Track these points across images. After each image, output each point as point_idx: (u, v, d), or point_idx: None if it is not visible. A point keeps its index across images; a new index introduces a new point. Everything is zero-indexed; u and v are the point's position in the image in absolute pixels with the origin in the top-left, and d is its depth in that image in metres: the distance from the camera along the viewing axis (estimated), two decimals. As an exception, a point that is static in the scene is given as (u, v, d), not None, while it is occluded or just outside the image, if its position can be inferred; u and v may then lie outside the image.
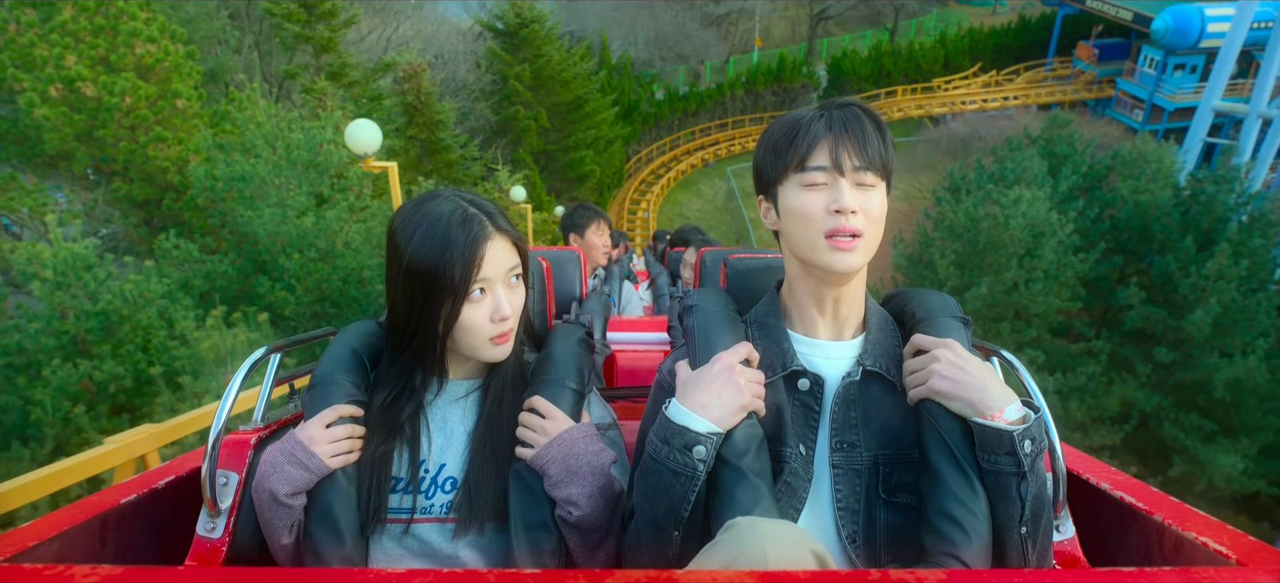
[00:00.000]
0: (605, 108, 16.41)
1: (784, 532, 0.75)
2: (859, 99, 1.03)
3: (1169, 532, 0.98)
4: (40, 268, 5.83)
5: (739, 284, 1.23)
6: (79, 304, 6.00)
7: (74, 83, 7.89)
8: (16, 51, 7.92)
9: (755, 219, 21.22)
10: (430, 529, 1.06)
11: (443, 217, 1.02)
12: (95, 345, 6.00)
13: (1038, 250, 10.46)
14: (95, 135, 8.10)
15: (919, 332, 1.04)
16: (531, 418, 1.09)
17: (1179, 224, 11.42)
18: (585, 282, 2.41)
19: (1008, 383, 0.99)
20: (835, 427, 1.00)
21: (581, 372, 1.17)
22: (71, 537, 0.96)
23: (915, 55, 27.44)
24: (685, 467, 0.88)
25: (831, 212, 0.95)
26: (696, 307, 1.09)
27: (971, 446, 0.92)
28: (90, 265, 6.07)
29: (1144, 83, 24.62)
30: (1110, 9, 25.47)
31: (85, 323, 5.98)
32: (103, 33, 8.15)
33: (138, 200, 8.44)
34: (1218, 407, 10.90)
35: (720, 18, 28.12)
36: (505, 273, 1.06)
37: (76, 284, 6.00)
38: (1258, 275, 10.79)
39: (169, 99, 8.39)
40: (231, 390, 1.11)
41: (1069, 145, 12.68)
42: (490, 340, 1.07)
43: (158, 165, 8.28)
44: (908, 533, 0.97)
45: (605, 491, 1.04)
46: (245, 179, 6.97)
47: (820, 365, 1.04)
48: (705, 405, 0.91)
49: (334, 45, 10.13)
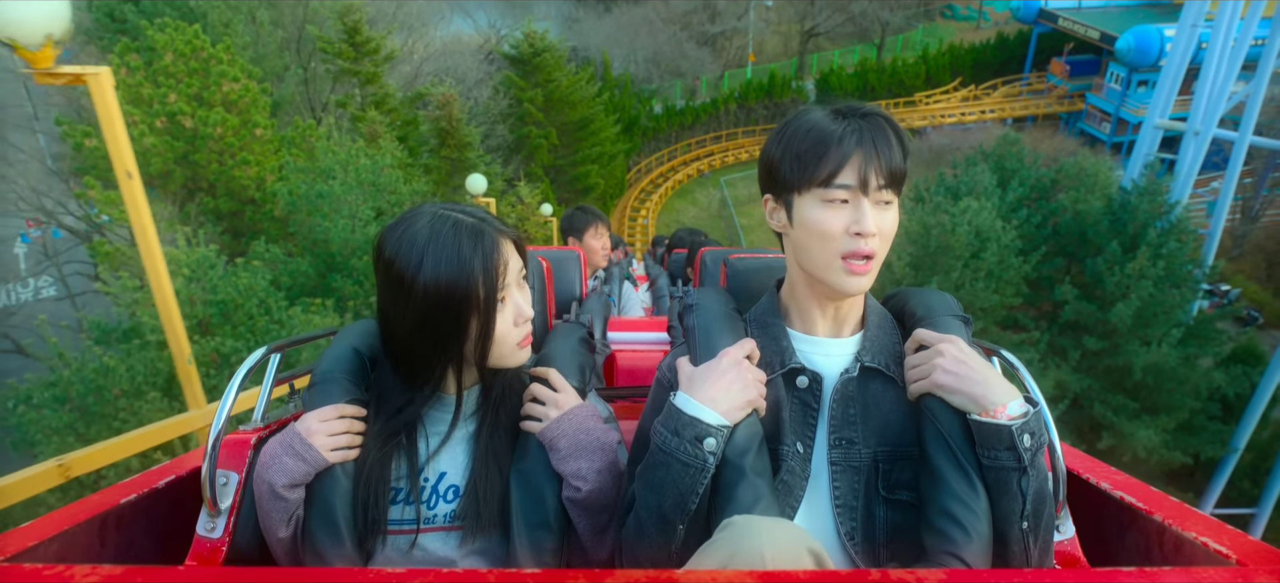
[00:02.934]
0: (609, 126, 18.19)
1: (781, 531, 0.74)
2: (879, 106, 1.00)
3: (1169, 532, 0.97)
4: (178, 267, 7.56)
5: (739, 283, 1.23)
6: (202, 294, 7.73)
7: (175, 116, 9.62)
8: (127, 90, 9.63)
9: (747, 226, 22.86)
10: (435, 539, 1.05)
11: (443, 234, 0.98)
12: (216, 327, 7.73)
13: (982, 253, 12.15)
14: (191, 159, 9.82)
15: (920, 329, 1.03)
16: (542, 390, 1.09)
17: (1109, 230, 13.12)
18: (585, 282, 2.40)
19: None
20: (834, 424, 1.00)
21: (582, 370, 1.17)
22: (71, 537, 0.96)
23: (898, 71, 29.11)
24: (695, 459, 0.88)
25: (851, 233, 0.94)
26: (697, 305, 1.09)
27: (972, 443, 0.92)
28: (213, 265, 7.80)
29: (1111, 98, 26.31)
30: (1080, 28, 27.21)
31: (208, 309, 7.71)
32: (196, 74, 9.88)
33: (223, 212, 10.15)
34: (1141, 389, 12.58)
35: (715, 36, 29.85)
36: (517, 275, 1.06)
37: (202, 279, 7.73)
38: (1173, 275, 12.47)
39: (249, 128, 10.12)
40: (231, 390, 1.10)
41: (1017, 161, 14.38)
42: (516, 345, 1.06)
43: (240, 183, 10.00)
44: (907, 531, 0.96)
45: (613, 468, 1.05)
46: (323, 196, 8.67)
47: (819, 363, 1.03)
48: (714, 398, 0.91)
49: (377, 78, 11.86)
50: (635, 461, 0.99)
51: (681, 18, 28.78)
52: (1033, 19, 29.33)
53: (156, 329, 7.45)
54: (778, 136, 1.02)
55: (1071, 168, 14.42)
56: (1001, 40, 31.13)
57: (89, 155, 9.64)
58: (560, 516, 1.04)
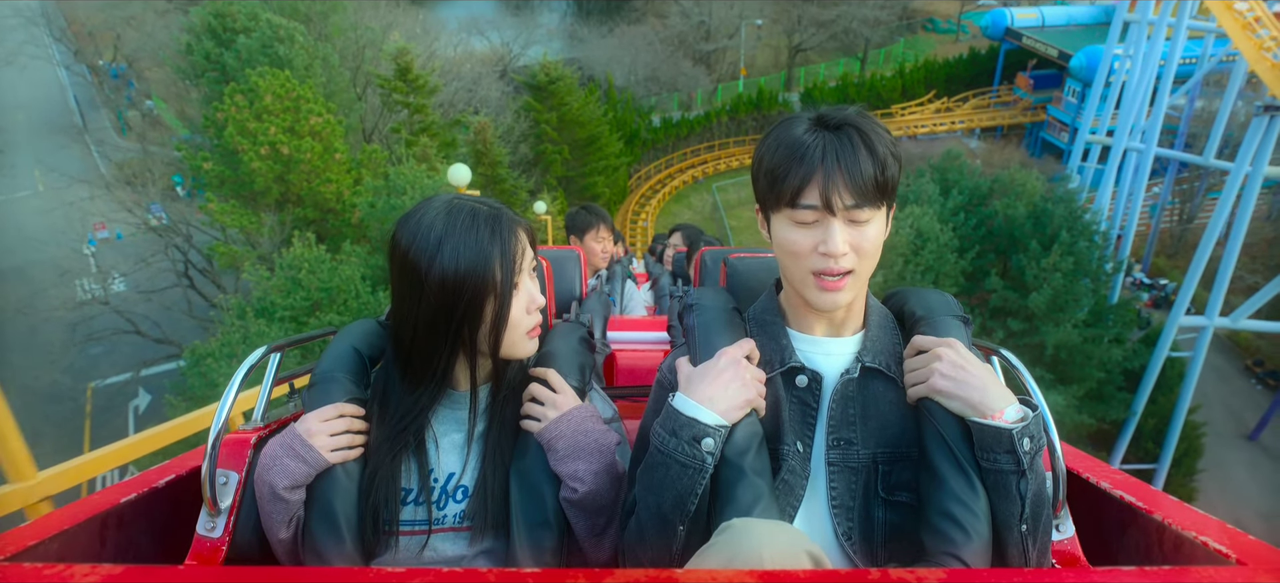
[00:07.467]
0: (613, 141, 20.88)
1: (779, 533, 0.75)
2: (857, 108, 0.98)
3: (1169, 531, 0.97)
4: (299, 262, 10.18)
5: (739, 283, 1.23)
6: (315, 281, 10.34)
7: (274, 145, 12.25)
8: (237, 125, 12.27)
9: (737, 228, 25.39)
10: (446, 539, 1.06)
11: (461, 222, 1.00)
12: (325, 307, 10.33)
13: (922, 251, 14.76)
14: (286, 178, 12.45)
15: (919, 330, 1.03)
16: (541, 390, 1.09)
17: (1031, 231, 15.73)
18: (585, 281, 2.44)
19: (1007, 383, 1.00)
20: (832, 424, 1.00)
21: (582, 369, 1.17)
22: (71, 536, 0.96)
23: (876, 85, 31.52)
24: (693, 459, 0.88)
25: (820, 252, 0.94)
26: (697, 305, 1.09)
27: (971, 445, 0.92)
28: (323, 261, 10.42)
29: (1069, 110, 28.85)
30: (1041, 46, 29.79)
31: (317, 294, 10.33)
32: (289, 110, 12.49)
33: (310, 220, 12.78)
34: (1055, 363, 15.17)
35: (708, 53, 32.41)
36: (530, 264, 1.08)
37: (316, 271, 10.35)
38: (1081, 269, 15.07)
39: (330, 153, 12.75)
40: (231, 390, 1.11)
41: (959, 174, 16.99)
42: (527, 334, 1.08)
43: (324, 197, 12.63)
44: (906, 532, 0.96)
45: (610, 470, 1.05)
46: (396, 208, 11.28)
47: (819, 362, 1.03)
48: (712, 398, 0.91)
49: (425, 109, 14.50)
50: (637, 463, 0.99)
51: (678, 37, 31.39)
52: (1000, 36, 31.80)
53: (288, 305, 10.05)
54: (759, 148, 1.01)
55: (1005, 178, 17.03)
56: (973, 55, 33.57)
57: (206, 176, 12.24)
58: (560, 515, 1.05)
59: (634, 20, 32.43)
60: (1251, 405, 18.40)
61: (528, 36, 30.75)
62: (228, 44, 14.04)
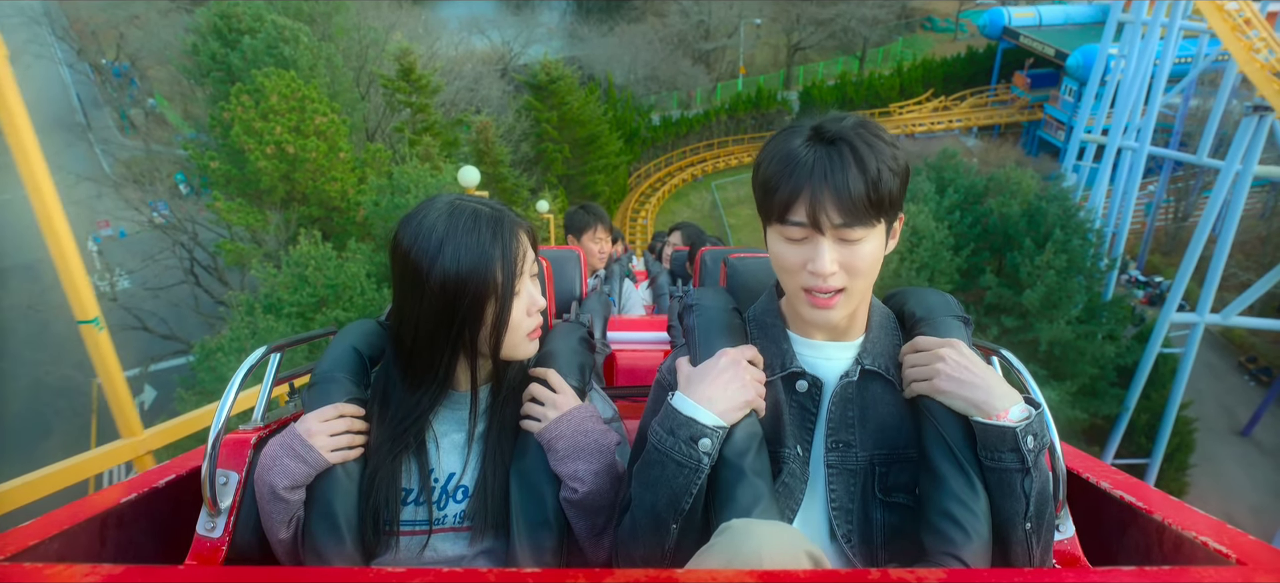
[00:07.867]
0: (613, 140, 21.10)
1: (778, 534, 0.75)
2: (858, 118, 0.95)
3: (1169, 531, 0.98)
4: (306, 259, 10.39)
5: (739, 283, 1.23)
6: (321, 278, 10.56)
7: (280, 144, 12.44)
8: (243, 125, 12.47)
9: (735, 225, 25.58)
10: (446, 539, 1.07)
11: (461, 224, 1.00)
12: (331, 302, 10.55)
13: (917, 248, 14.97)
14: (291, 177, 12.65)
15: (919, 330, 1.04)
16: (541, 391, 1.10)
17: (1025, 229, 15.94)
18: (585, 281, 2.44)
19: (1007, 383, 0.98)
20: (831, 427, 1.01)
21: (582, 369, 1.17)
22: (72, 536, 0.96)
23: (875, 83, 31.62)
24: (690, 459, 0.88)
25: (809, 270, 0.93)
26: (697, 306, 1.10)
27: (973, 444, 0.92)
28: (329, 258, 10.63)
29: (1065, 108, 29.02)
30: (1038, 45, 29.97)
31: (324, 290, 10.54)
32: (294, 110, 12.69)
33: (315, 217, 12.98)
34: (1049, 359, 15.39)
35: (707, 52, 32.59)
36: (531, 266, 1.08)
37: (323, 268, 10.56)
38: (1074, 266, 15.29)
39: (334, 152, 12.94)
40: (231, 390, 1.11)
41: (954, 172, 17.19)
42: (527, 335, 1.08)
43: (328, 195, 12.83)
44: (904, 533, 0.97)
45: (610, 470, 1.06)
46: (399, 207, 11.48)
47: (819, 366, 1.03)
48: (711, 398, 0.91)
49: (427, 109, 14.70)
50: (636, 462, 0.98)
51: (677, 36, 31.56)
52: (998, 35, 31.96)
53: (295, 302, 10.27)
54: (759, 154, 0.99)
55: (1000, 176, 17.23)
56: (971, 54, 33.71)
57: (213, 174, 12.44)
58: (560, 515, 1.05)
59: (634, 19, 32.60)
60: (1244, 401, 18.65)
61: (528, 35, 30.99)
62: (233, 44, 14.26)
